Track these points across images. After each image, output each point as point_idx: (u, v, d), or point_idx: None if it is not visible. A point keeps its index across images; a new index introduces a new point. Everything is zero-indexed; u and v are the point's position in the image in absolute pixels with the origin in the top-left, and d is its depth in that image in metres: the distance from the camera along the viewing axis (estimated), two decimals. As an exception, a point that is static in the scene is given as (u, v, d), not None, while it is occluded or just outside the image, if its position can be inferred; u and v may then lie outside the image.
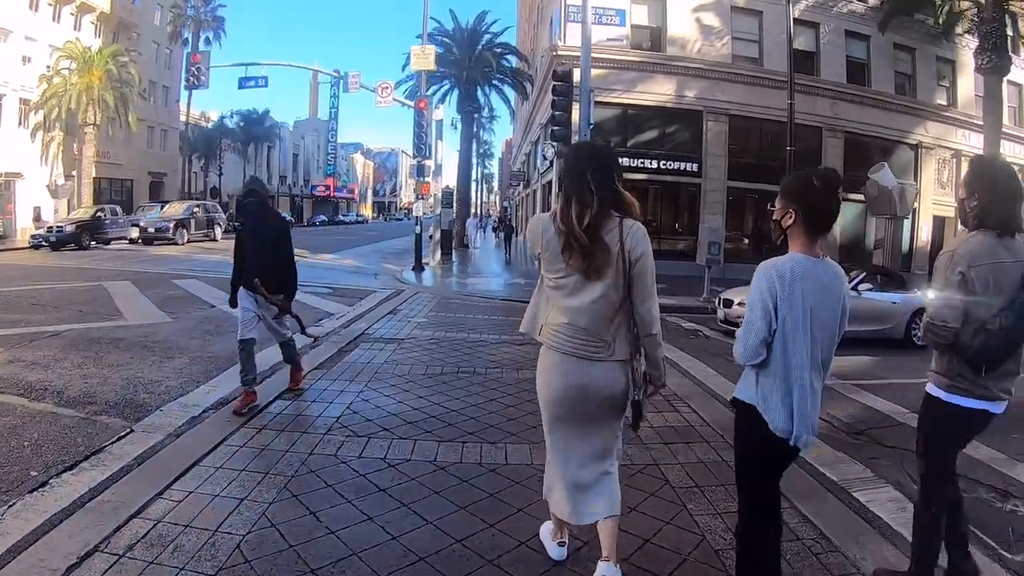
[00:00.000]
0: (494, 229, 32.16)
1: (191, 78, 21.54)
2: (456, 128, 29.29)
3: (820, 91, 19.21)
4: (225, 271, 5.39)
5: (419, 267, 16.40)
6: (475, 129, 50.49)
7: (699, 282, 13.27)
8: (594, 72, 12.21)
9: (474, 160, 48.42)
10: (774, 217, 2.08)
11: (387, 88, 17.16)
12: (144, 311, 8.61)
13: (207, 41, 45.76)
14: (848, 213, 20.01)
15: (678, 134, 19.16)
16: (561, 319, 2.21)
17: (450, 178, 27.50)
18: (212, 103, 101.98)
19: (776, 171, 20.25)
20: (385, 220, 79.66)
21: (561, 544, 2.58)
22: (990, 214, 2.26)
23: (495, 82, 25.98)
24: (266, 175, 63.87)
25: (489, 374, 5.68)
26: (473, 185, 44.06)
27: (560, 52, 16.87)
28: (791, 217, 2.02)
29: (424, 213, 17.68)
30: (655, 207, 19.79)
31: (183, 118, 45.57)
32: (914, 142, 21.41)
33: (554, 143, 15.84)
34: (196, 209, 25.75)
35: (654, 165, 18.51)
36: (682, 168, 18.72)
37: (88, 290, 10.40)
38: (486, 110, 62.54)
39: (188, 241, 24.10)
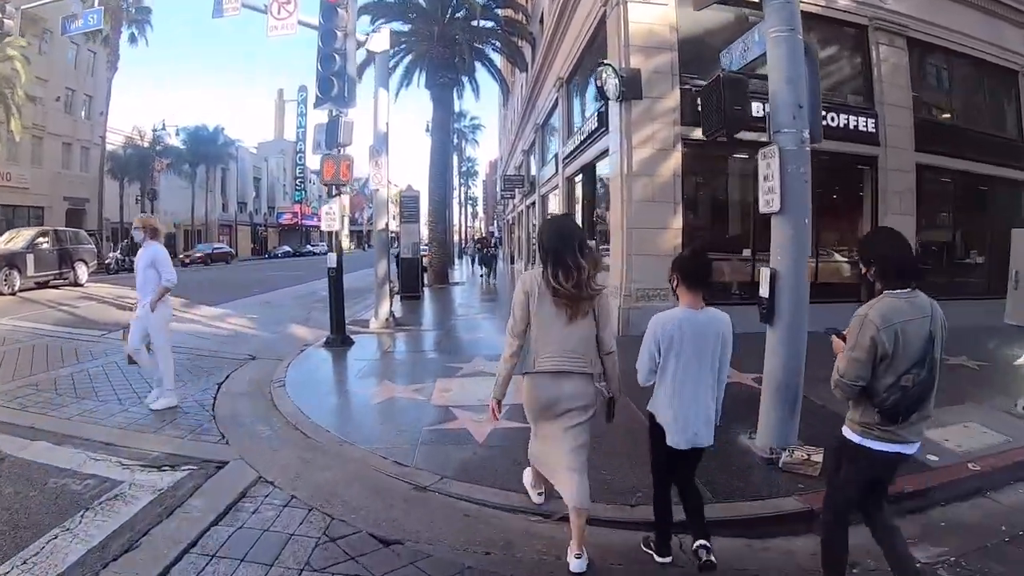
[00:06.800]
0: (482, 261, 23.18)
1: (-8, 27, 13.60)
2: (427, 128, 21.01)
3: (1009, 15, 11.48)
4: None
5: (340, 340, 8.13)
6: (454, 138, 42.60)
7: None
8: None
9: (455, 176, 40.14)
10: (668, 279, 2.92)
11: (288, 3, 9.13)
12: None
13: (131, 38, 37.93)
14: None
15: (833, 65, 10.47)
16: (553, 346, 2.81)
17: (416, 181, 18.84)
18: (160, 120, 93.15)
19: (988, 144, 10.92)
20: (364, 250, 70.69)
21: (540, 494, 3.47)
22: (887, 275, 2.51)
23: (481, 46, 18.08)
24: (220, 201, 55.44)
25: None
26: (456, 207, 36.03)
27: None
28: (675, 280, 2.88)
29: (342, 227, 9.40)
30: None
31: (105, 133, 37.65)
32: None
33: (617, 70, 7.70)
34: (42, 240, 17.26)
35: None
36: (848, 125, 9.83)
37: None
38: (467, 119, 54.96)
39: (30, 287, 16.07)
